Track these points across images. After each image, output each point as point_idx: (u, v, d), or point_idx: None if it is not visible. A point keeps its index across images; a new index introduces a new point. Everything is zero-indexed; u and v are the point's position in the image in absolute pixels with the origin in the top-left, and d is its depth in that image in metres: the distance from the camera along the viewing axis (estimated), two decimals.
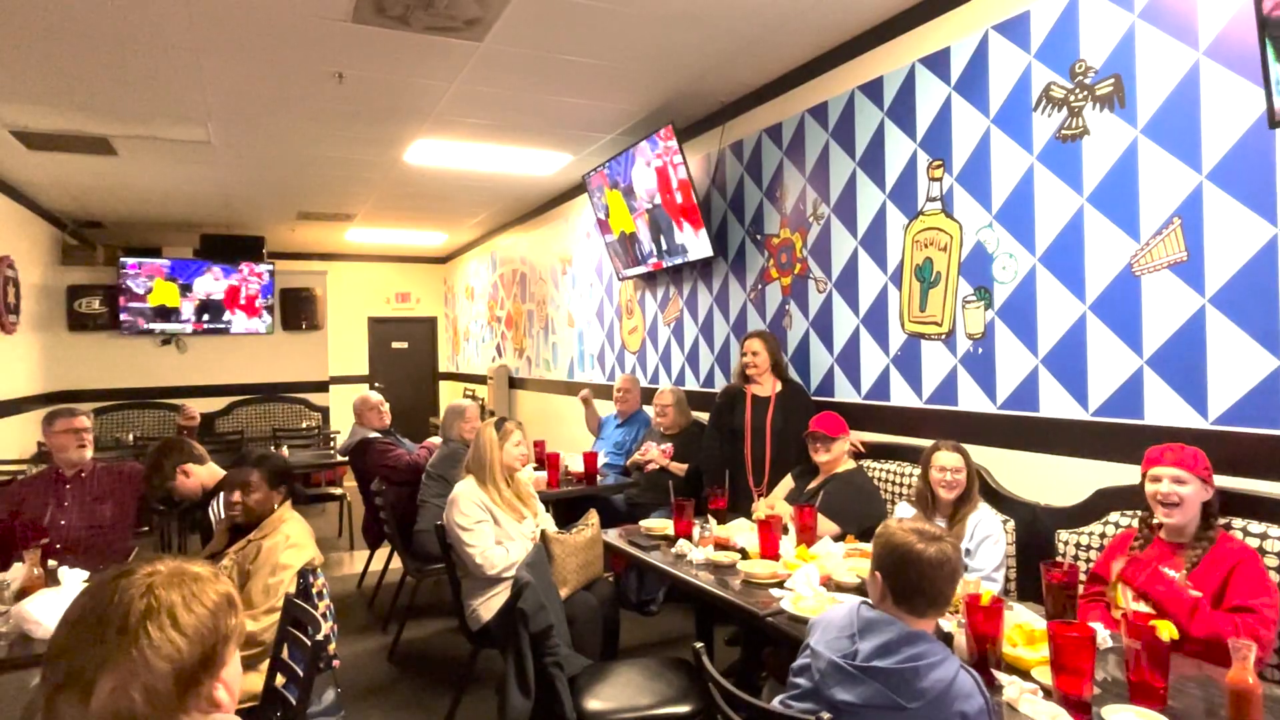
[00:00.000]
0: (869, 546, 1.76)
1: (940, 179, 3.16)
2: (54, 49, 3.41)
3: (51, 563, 2.58)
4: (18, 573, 2.39)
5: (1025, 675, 1.70)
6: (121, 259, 7.46)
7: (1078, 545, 2.53)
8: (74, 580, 2.40)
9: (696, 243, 4.49)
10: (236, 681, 1.03)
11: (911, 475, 3.18)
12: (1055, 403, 2.74)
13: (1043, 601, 2.05)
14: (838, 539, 2.72)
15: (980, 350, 3.01)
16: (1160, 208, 2.41)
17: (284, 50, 3.49)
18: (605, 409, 5.31)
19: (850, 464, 3.16)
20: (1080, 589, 2.17)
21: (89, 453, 3.30)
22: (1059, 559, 2.54)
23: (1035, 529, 2.71)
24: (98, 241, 7.65)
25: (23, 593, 2.30)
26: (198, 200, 6.60)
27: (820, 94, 3.79)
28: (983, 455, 2.90)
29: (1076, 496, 2.61)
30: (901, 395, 3.38)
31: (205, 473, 3.18)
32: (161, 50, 3.45)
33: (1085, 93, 2.61)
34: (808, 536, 2.70)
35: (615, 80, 3.99)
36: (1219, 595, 1.91)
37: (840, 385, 3.72)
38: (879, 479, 3.31)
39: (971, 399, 3.05)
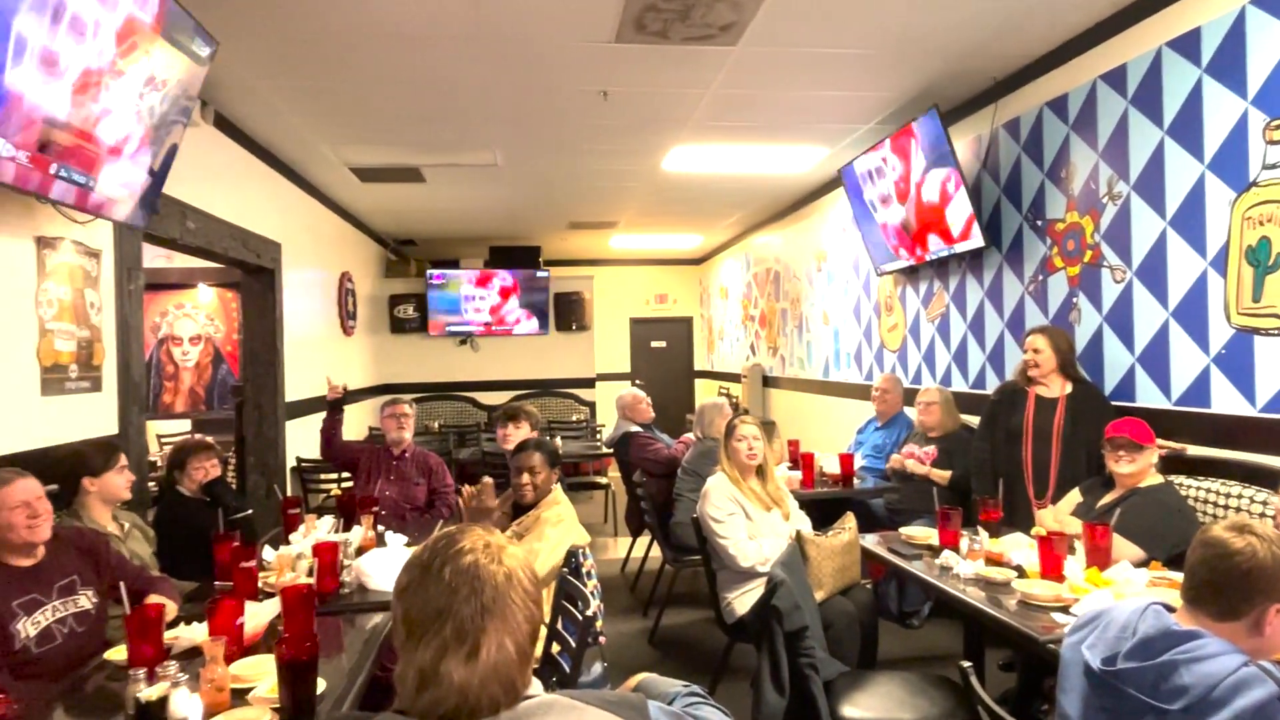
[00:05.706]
0: (1179, 576, 1.52)
1: None
2: (379, 96, 4.06)
3: (380, 527, 3.10)
4: (357, 534, 2.89)
5: None
6: (428, 271, 8.68)
7: None
8: (397, 543, 2.86)
9: (964, 232, 4.17)
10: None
11: (1240, 496, 2.68)
12: None
13: None
14: (1139, 565, 2.37)
15: None
16: None
17: (556, 76, 3.83)
18: (864, 411, 5.13)
19: (1156, 478, 2.73)
20: None
21: (406, 435, 3.96)
22: None
23: None
24: (411, 256, 9.02)
25: (359, 550, 2.78)
26: (487, 216, 7.49)
27: (1116, 56, 3.32)
28: None
29: None
30: (1226, 400, 2.86)
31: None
32: (460, 88, 3.96)
33: None
34: (1100, 558, 2.39)
35: (873, 68, 3.83)
36: None
37: (1143, 388, 3.23)
38: (1192, 499, 2.82)
39: None
